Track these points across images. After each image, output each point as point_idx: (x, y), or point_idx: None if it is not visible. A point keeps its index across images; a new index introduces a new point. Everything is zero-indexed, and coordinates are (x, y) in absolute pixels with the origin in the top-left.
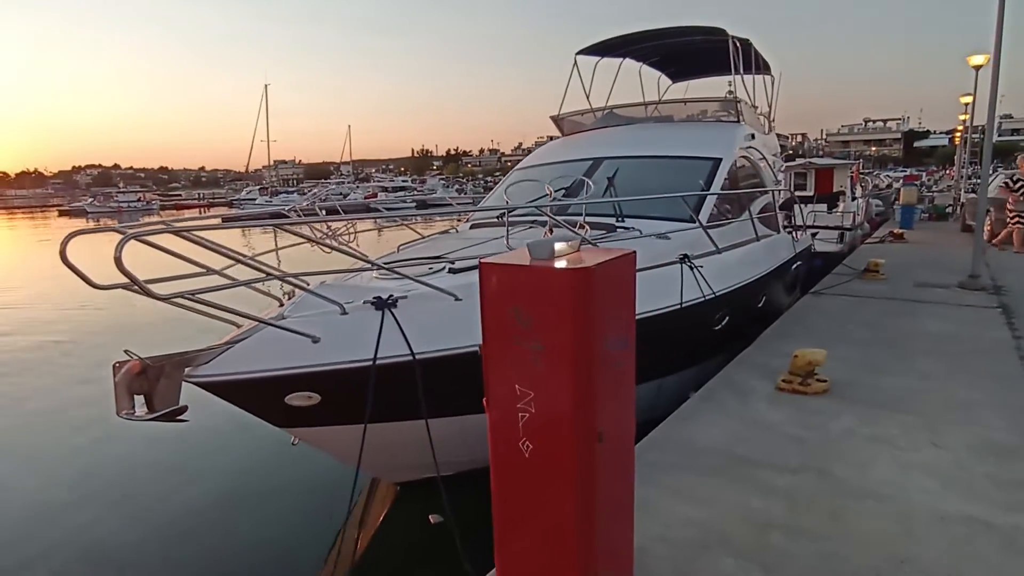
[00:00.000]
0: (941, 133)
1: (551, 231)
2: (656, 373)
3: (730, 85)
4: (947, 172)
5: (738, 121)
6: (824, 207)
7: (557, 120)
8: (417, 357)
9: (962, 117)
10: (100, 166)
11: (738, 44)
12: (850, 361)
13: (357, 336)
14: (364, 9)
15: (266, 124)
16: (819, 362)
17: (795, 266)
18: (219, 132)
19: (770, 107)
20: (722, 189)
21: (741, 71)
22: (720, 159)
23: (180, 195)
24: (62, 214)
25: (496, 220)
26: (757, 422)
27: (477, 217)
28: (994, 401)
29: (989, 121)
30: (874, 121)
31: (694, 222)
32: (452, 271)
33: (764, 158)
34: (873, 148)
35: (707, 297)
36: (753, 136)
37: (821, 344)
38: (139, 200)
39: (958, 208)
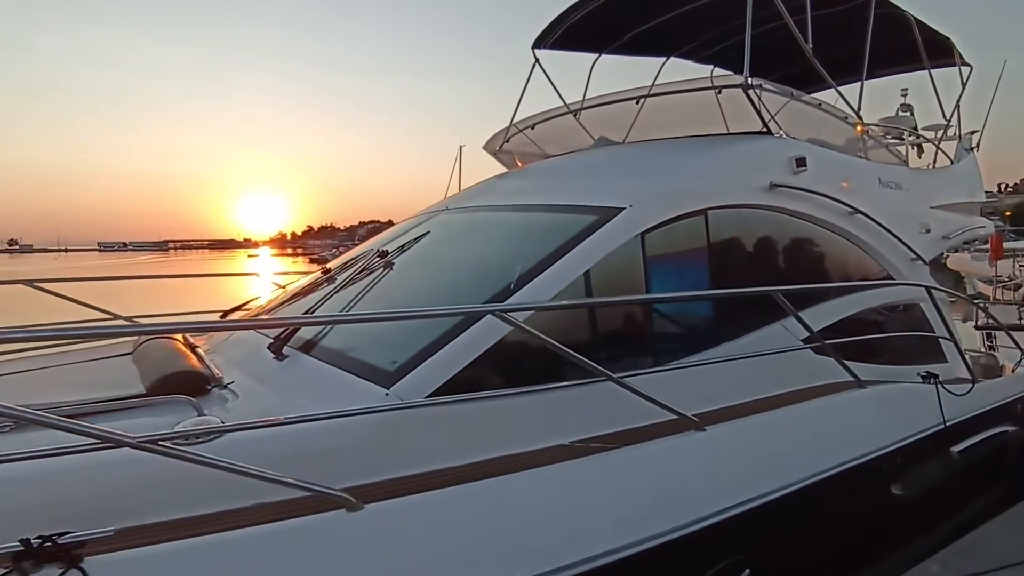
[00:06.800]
0: None
1: None
2: None
3: (902, 92)
4: None
5: (763, 131)
6: None
7: (495, 151)
8: None
9: None
10: (378, 221)
11: None
12: None
13: None
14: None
15: (458, 184)
16: None
17: (988, 436)
18: None
19: (947, 119)
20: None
21: (808, 37)
22: (619, 210)
23: None
24: (312, 260)
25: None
26: None
27: None
28: None
29: None
30: None
31: (394, 381)
32: None
33: (856, 211)
34: None
35: None
36: (800, 163)
37: None
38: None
39: None
